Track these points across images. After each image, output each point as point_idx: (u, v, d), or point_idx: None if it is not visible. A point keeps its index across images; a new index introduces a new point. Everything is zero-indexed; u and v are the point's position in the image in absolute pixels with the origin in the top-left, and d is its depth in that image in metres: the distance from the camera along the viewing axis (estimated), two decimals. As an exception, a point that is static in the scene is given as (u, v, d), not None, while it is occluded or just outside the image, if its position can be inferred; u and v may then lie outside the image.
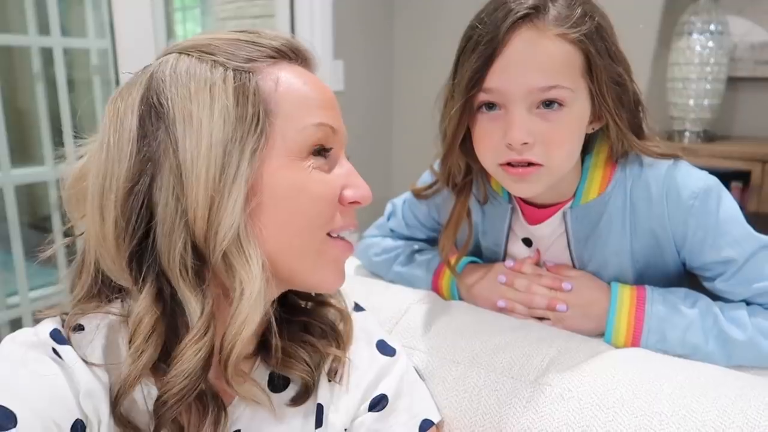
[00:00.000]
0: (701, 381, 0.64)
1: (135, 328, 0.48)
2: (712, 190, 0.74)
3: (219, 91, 0.49)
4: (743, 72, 1.99)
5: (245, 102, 0.50)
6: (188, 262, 0.48)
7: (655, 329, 0.74)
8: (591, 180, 0.79)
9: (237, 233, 0.48)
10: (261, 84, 0.51)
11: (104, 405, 0.49)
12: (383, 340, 0.67)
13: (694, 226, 0.74)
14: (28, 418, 0.44)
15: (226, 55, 0.51)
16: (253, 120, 0.50)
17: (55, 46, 1.91)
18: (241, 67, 0.51)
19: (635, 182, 0.77)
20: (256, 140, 0.49)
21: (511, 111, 0.69)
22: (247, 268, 0.49)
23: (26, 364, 0.47)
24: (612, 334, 0.76)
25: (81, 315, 0.53)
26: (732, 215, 0.74)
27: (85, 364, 0.49)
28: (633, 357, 0.71)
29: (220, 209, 0.48)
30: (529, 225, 0.85)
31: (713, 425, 0.58)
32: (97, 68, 2.06)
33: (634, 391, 0.63)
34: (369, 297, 0.84)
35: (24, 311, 1.94)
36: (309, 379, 0.59)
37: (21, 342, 0.49)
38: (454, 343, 0.77)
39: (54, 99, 1.93)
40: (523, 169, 0.70)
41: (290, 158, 0.52)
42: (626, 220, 0.78)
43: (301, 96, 0.53)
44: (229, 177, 0.48)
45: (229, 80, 0.50)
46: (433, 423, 0.65)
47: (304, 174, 0.52)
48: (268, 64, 0.53)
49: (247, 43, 0.53)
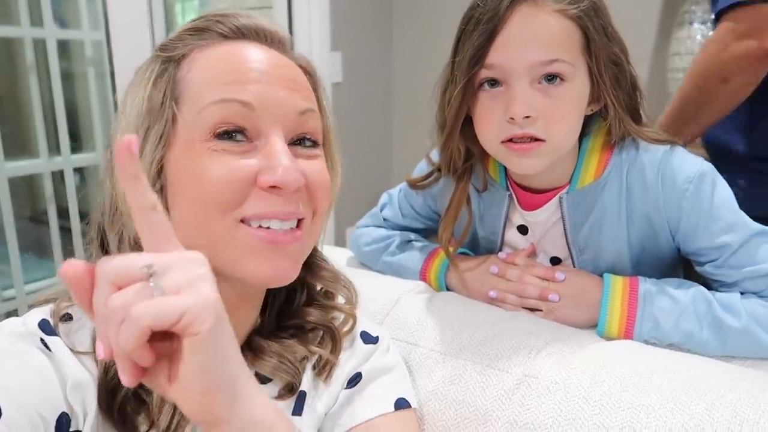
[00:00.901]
0: (690, 373, 0.63)
1: None
2: (706, 175, 0.74)
3: (144, 83, 0.52)
4: (744, 62, 1.97)
5: (158, 91, 0.51)
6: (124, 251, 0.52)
7: (649, 316, 0.73)
8: (587, 164, 0.78)
9: None
10: (178, 70, 0.52)
11: (92, 396, 0.48)
12: (365, 331, 0.66)
13: (688, 210, 0.74)
14: (12, 410, 0.43)
15: (170, 46, 0.54)
16: (161, 108, 0.51)
17: (48, 37, 1.89)
18: (170, 57, 0.53)
19: (631, 167, 0.76)
20: (162, 127, 0.50)
21: (512, 86, 0.70)
22: None
23: (13, 355, 0.47)
24: (605, 323, 0.75)
25: (70, 304, 0.52)
26: (726, 201, 0.74)
27: (73, 354, 0.49)
28: (622, 349, 0.70)
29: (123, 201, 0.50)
30: (524, 211, 0.84)
31: (701, 418, 0.57)
32: (92, 60, 2.05)
33: (621, 383, 0.62)
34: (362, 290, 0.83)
35: (19, 304, 1.93)
36: (292, 380, 0.58)
37: (8, 332, 0.48)
38: (443, 335, 0.76)
39: (48, 91, 1.92)
40: (526, 145, 0.71)
41: (191, 142, 0.50)
42: (622, 206, 0.78)
43: (212, 75, 0.51)
44: None
45: (154, 71, 0.52)
46: (410, 405, 0.63)
47: (203, 157, 0.49)
48: (205, 46, 0.53)
49: (190, 30, 0.54)
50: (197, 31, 0.54)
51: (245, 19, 0.54)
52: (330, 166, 0.59)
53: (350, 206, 1.65)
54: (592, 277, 0.80)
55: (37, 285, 2.00)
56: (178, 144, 0.50)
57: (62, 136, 1.97)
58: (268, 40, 0.55)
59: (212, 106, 0.50)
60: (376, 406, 0.60)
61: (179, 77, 0.52)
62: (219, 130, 0.50)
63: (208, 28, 0.54)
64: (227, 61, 0.52)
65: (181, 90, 0.51)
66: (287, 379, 0.58)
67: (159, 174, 0.51)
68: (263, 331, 0.59)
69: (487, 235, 0.90)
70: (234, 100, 0.50)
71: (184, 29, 0.55)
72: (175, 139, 0.51)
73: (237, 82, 0.50)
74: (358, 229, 1.04)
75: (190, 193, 0.50)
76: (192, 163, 0.50)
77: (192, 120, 0.50)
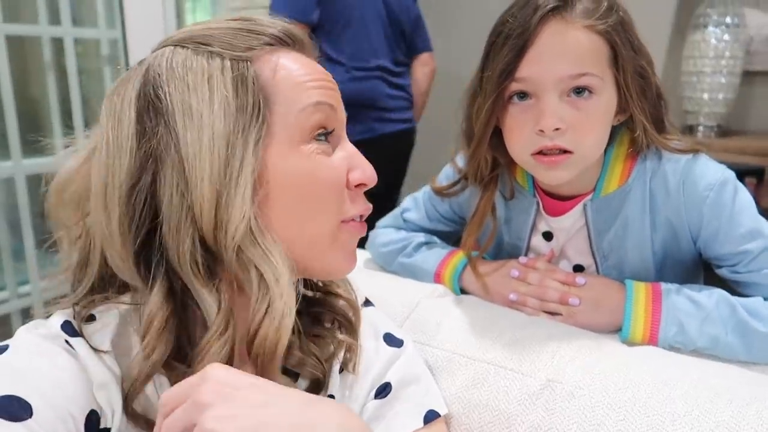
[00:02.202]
0: (715, 381, 0.63)
1: (147, 325, 0.48)
2: (728, 182, 0.75)
3: (217, 83, 0.49)
4: (759, 66, 1.97)
5: (245, 92, 0.49)
6: (198, 259, 0.48)
7: (673, 320, 0.74)
8: (611, 172, 0.80)
9: (248, 226, 0.48)
10: (259, 72, 0.51)
11: (117, 396, 0.49)
12: (390, 333, 0.67)
13: (709, 216, 0.75)
14: (43, 409, 0.44)
15: (222, 45, 0.51)
16: (254, 109, 0.49)
17: (65, 35, 1.91)
18: (239, 57, 0.50)
19: (654, 175, 0.78)
20: (258, 130, 0.49)
21: (543, 99, 0.72)
22: (267, 259, 0.48)
23: (41, 356, 0.47)
24: (630, 327, 0.75)
25: (92, 306, 0.53)
26: (746, 208, 0.75)
27: (97, 356, 0.49)
28: (645, 355, 0.70)
29: (228, 203, 0.47)
30: (550, 217, 0.85)
31: (727, 426, 0.57)
32: (108, 58, 2.06)
33: (646, 390, 0.63)
34: (379, 292, 0.84)
35: (35, 300, 1.95)
36: (319, 375, 0.59)
37: (36, 333, 0.49)
38: (465, 339, 0.76)
39: (65, 89, 1.93)
40: (555, 157, 0.73)
41: (293, 145, 0.51)
42: (646, 213, 0.79)
43: (299, 79, 0.52)
44: (234, 170, 0.47)
45: (227, 71, 0.49)
46: (439, 414, 0.64)
47: (309, 160, 0.51)
48: (266, 51, 0.52)
49: (242, 31, 0.52)
50: (253, 33, 0.53)
51: (292, 27, 0.56)
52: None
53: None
54: (614, 282, 0.81)
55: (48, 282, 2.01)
56: (277, 146, 0.50)
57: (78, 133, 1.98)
58: (308, 49, 0.57)
59: (309, 108, 0.51)
60: (408, 422, 0.61)
61: (264, 79, 0.51)
62: (318, 132, 0.52)
63: (262, 31, 0.53)
64: (302, 65, 0.53)
65: (270, 93, 0.51)
66: (314, 374, 0.58)
67: (260, 176, 0.49)
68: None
69: (513, 240, 0.91)
70: (326, 103, 0.53)
71: (229, 29, 0.52)
72: (272, 140, 0.50)
73: (321, 87, 0.53)
74: (377, 229, 1.05)
75: (299, 196, 0.51)
76: (300, 165, 0.51)
77: (290, 122, 0.51)
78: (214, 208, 0.47)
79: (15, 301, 1.92)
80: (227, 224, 0.47)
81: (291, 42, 0.55)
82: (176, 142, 0.48)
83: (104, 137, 0.50)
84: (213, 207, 0.47)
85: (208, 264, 0.49)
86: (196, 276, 0.48)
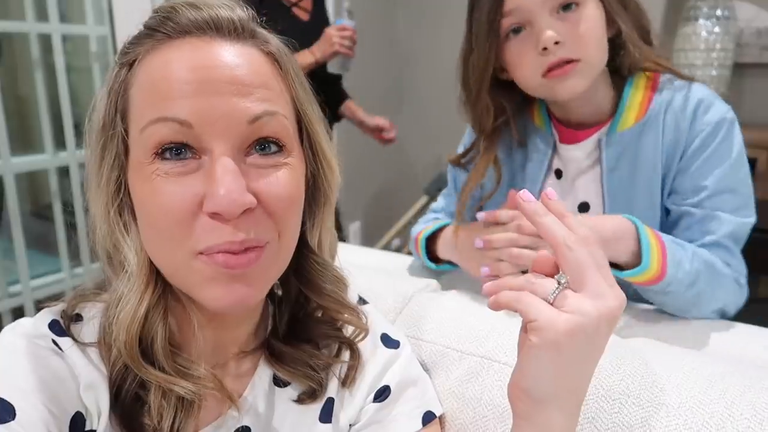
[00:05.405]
0: (707, 371, 0.63)
1: None
2: (735, 122, 0.83)
3: (102, 93, 0.49)
4: (750, 58, 1.97)
5: (111, 104, 0.48)
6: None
7: (672, 251, 0.76)
8: (630, 103, 0.83)
9: (112, 240, 0.49)
10: (130, 77, 0.47)
11: (104, 396, 0.48)
12: (386, 333, 0.66)
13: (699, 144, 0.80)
14: (26, 410, 0.43)
15: (126, 48, 0.49)
16: (112, 122, 0.48)
17: (53, 32, 1.89)
18: (126, 61, 0.48)
19: (669, 107, 0.82)
20: (114, 146, 0.48)
21: (536, 22, 0.77)
22: (120, 270, 0.50)
23: (26, 356, 0.46)
24: (649, 258, 0.74)
25: (81, 304, 0.52)
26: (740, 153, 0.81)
27: (85, 355, 0.49)
28: (638, 347, 0.70)
29: (95, 213, 0.50)
30: (564, 145, 0.88)
31: (721, 417, 0.57)
32: (97, 55, 2.04)
33: (640, 382, 0.62)
34: (371, 286, 0.84)
35: (25, 299, 1.94)
36: (312, 385, 0.58)
37: (20, 334, 0.48)
38: (459, 333, 0.76)
39: (53, 86, 1.92)
40: (564, 67, 0.78)
41: (140, 165, 0.46)
42: (658, 153, 0.82)
43: (150, 88, 0.45)
44: (92, 182, 0.49)
45: (110, 79, 0.49)
46: (436, 415, 0.65)
47: (147, 183, 0.45)
48: (159, 45, 0.46)
49: (146, 29, 0.48)
50: (148, 29, 0.48)
51: (194, 11, 0.47)
52: (317, 161, 0.53)
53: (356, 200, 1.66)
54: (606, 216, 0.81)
55: (43, 280, 2.00)
56: (132, 165, 0.47)
57: (67, 131, 1.96)
58: (221, 31, 0.47)
59: (151, 126, 0.45)
60: (407, 424, 0.62)
61: (127, 88, 0.47)
62: (160, 150, 0.45)
63: (157, 26, 0.47)
64: (164, 70, 0.45)
65: (127, 104, 0.47)
66: (307, 383, 0.58)
67: (118, 193, 0.48)
68: (278, 335, 0.59)
69: (528, 185, 0.91)
70: (169, 119, 0.44)
71: (144, 26, 0.49)
72: (129, 158, 0.47)
73: (173, 98, 0.44)
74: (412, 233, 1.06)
75: (143, 221, 0.48)
76: (141, 188, 0.46)
77: (135, 139, 0.46)
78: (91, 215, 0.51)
79: (5, 301, 1.91)
80: (96, 231, 0.50)
81: (204, 29, 0.46)
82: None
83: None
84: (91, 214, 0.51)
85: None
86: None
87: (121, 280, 0.49)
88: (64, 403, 0.46)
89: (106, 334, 0.49)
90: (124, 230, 0.49)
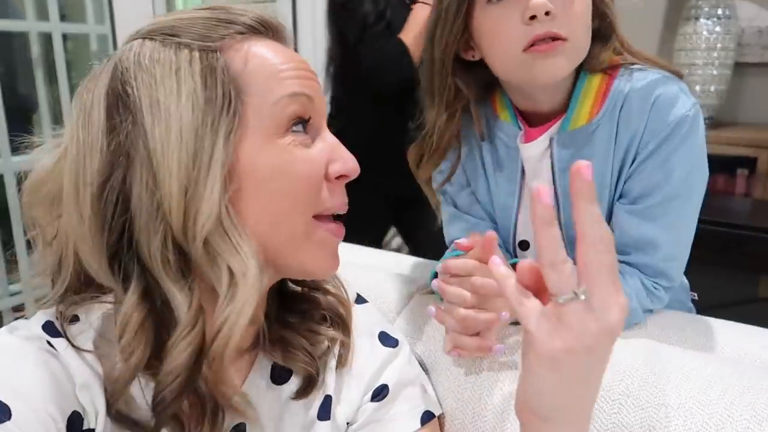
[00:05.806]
0: (707, 372, 0.63)
1: (123, 326, 0.47)
2: (697, 118, 0.74)
3: (185, 75, 0.47)
4: (751, 58, 1.97)
5: (213, 83, 0.47)
6: (169, 256, 0.47)
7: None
8: (583, 98, 0.76)
9: (219, 221, 0.46)
10: (229, 62, 0.49)
11: (100, 396, 0.48)
12: (385, 332, 0.66)
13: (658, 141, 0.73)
14: (22, 411, 0.43)
15: (190, 35, 0.49)
16: (224, 101, 0.47)
17: (54, 31, 1.89)
18: (208, 47, 0.49)
19: (626, 101, 0.75)
20: (228, 122, 0.47)
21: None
22: (237, 256, 0.47)
23: (21, 357, 0.46)
24: None
25: (77, 306, 0.52)
26: (700, 153, 0.75)
27: (79, 356, 0.49)
28: (638, 348, 0.70)
29: (196, 197, 0.46)
30: (523, 145, 0.81)
31: (720, 417, 0.57)
32: (97, 54, 2.05)
33: (639, 382, 0.63)
34: (372, 286, 0.84)
35: (26, 298, 1.94)
36: (311, 370, 0.58)
37: (16, 335, 0.48)
38: (458, 333, 0.76)
39: (54, 85, 1.92)
40: (550, 43, 0.69)
41: (268, 137, 0.49)
42: (609, 155, 0.76)
43: (273, 69, 0.50)
44: (203, 163, 0.46)
45: (195, 62, 0.48)
46: (435, 415, 0.65)
47: (285, 153, 0.50)
48: (237, 40, 0.50)
49: (212, 20, 0.51)
50: (223, 22, 0.51)
51: (266, 15, 0.54)
52: None
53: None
54: None
55: (43, 280, 2.00)
56: (251, 138, 0.49)
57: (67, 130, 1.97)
58: (283, 37, 0.55)
59: (284, 99, 0.50)
60: (406, 424, 0.62)
61: (235, 70, 0.49)
62: (294, 123, 0.51)
63: (234, 20, 0.51)
64: (276, 54, 0.51)
65: (243, 83, 0.49)
66: (307, 371, 0.58)
67: (232, 169, 0.48)
68: (272, 319, 0.59)
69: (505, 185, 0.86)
70: (302, 93, 0.51)
71: (198, 18, 0.51)
72: (245, 133, 0.49)
73: (298, 77, 0.51)
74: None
75: (273, 191, 0.49)
76: (275, 158, 0.49)
77: (264, 114, 0.49)
78: (183, 203, 0.46)
79: (6, 300, 1.91)
80: (196, 218, 0.46)
81: (264, 30, 0.53)
82: (144, 137, 0.46)
83: (74, 136, 0.49)
84: (182, 202, 0.46)
85: (180, 262, 0.47)
86: (167, 274, 0.47)
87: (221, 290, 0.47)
88: (60, 402, 0.46)
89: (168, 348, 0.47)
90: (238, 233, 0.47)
